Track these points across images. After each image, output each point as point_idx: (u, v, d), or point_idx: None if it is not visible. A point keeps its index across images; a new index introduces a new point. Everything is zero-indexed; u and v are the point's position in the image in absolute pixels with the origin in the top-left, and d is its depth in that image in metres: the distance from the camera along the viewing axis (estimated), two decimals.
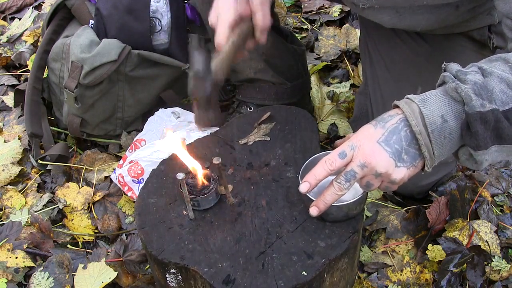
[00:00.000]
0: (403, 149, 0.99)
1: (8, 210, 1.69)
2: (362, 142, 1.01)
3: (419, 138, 0.97)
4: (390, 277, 1.45)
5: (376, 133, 1.00)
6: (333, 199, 1.04)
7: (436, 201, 1.53)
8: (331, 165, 1.02)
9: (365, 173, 1.01)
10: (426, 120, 0.96)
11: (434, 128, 0.96)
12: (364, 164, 1.00)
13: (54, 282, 1.46)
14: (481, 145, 0.95)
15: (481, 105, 0.93)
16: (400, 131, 0.99)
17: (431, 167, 1.02)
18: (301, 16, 2.41)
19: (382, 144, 0.99)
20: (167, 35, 1.76)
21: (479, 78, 0.96)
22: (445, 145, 0.98)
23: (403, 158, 0.99)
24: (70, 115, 1.77)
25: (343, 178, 1.01)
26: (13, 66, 2.25)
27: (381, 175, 1.01)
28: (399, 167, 1.00)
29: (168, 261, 1.10)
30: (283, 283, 1.04)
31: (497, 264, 1.44)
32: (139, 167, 1.60)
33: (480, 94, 0.94)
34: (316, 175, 1.04)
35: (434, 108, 0.97)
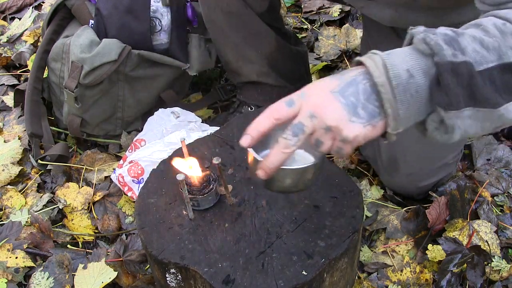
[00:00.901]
0: (359, 102, 0.86)
1: (8, 210, 1.69)
2: (313, 91, 0.89)
3: (381, 90, 0.85)
4: (390, 277, 1.45)
5: (331, 83, 0.88)
6: (279, 159, 0.88)
7: (436, 201, 1.53)
8: (276, 114, 0.89)
9: (314, 127, 0.87)
10: (390, 73, 0.84)
11: (399, 83, 0.84)
12: (313, 114, 0.86)
13: (54, 282, 1.46)
14: (453, 103, 0.83)
15: (452, 55, 0.83)
16: (358, 83, 0.87)
17: (394, 130, 0.88)
18: (301, 16, 2.41)
19: (336, 94, 0.86)
20: (167, 35, 1.76)
21: (449, 33, 0.86)
22: (411, 105, 0.85)
23: (358, 112, 0.86)
24: (70, 115, 1.77)
25: (289, 133, 0.87)
26: (13, 66, 2.25)
27: (331, 130, 0.86)
28: (353, 122, 0.86)
29: (168, 261, 1.10)
30: (283, 283, 1.04)
31: (497, 264, 1.44)
32: (139, 167, 1.60)
33: (452, 44, 0.84)
34: (259, 126, 0.90)
35: (400, 62, 0.85)
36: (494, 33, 0.86)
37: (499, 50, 0.85)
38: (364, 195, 1.63)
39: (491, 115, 0.86)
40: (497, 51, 0.85)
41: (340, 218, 1.15)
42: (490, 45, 0.85)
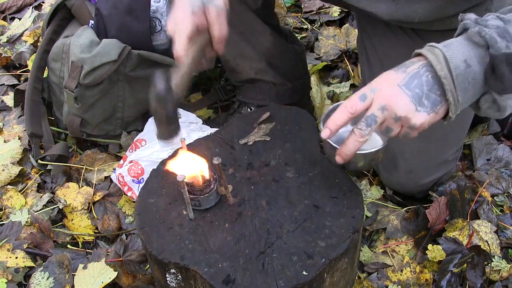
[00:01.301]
0: (423, 93, 0.98)
1: (8, 210, 1.70)
2: (382, 85, 1.01)
3: (444, 82, 0.96)
4: (390, 277, 1.45)
5: (397, 77, 1.00)
6: (355, 146, 1.03)
7: (436, 201, 1.53)
8: (351, 108, 1.01)
9: (385, 117, 1.00)
10: (450, 65, 0.95)
11: (459, 73, 0.95)
12: (385, 107, 0.98)
13: (54, 282, 1.46)
14: (507, 88, 0.95)
15: (506, 47, 0.93)
16: (421, 76, 0.98)
17: (455, 114, 1.00)
18: (301, 16, 2.40)
19: (403, 87, 0.98)
20: (167, 35, 1.76)
21: (500, 24, 0.95)
22: (468, 91, 0.97)
23: (423, 102, 0.98)
24: (70, 115, 1.77)
25: (363, 124, 1.00)
26: (13, 66, 2.25)
27: (401, 119, 0.99)
28: (419, 111, 0.98)
29: (168, 261, 1.10)
30: (283, 283, 1.04)
31: (497, 264, 1.44)
32: (139, 167, 1.60)
33: (504, 36, 0.93)
34: (336, 120, 1.03)
35: (458, 53, 0.96)
36: None
37: None
38: (364, 195, 1.63)
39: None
40: None
41: (340, 218, 1.15)
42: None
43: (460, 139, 1.59)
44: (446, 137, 1.50)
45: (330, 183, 1.23)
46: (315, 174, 1.25)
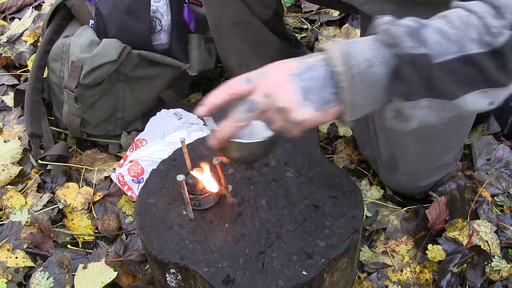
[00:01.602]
0: (315, 88, 0.87)
1: (8, 210, 1.70)
2: (272, 71, 0.90)
3: (341, 79, 0.86)
4: (390, 277, 1.45)
5: (292, 66, 0.89)
6: (230, 131, 0.91)
7: (436, 201, 1.53)
8: (232, 88, 0.91)
9: (267, 105, 0.88)
10: (351, 62, 0.85)
11: (359, 72, 0.85)
12: (268, 93, 0.88)
13: (54, 282, 1.46)
14: (411, 94, 0.86)
15: (412, 47, 0.84)
16: (318, 68, 0.88)
17: (351, 118, 0.90)
18: (301, 16, 2.40)
19: (293, 76, 0.87)
20: (167, 35, 1.76)
21: (414, 24, 0.87)
22: (368, 94, 0.87)
23: (312, 97, 0.87)
24: (70, 115, 1.77)
25: (243, 108, 0.89)
26: (13, 66, 2.25)
27: (282, 111, 0.88)
28: (305, 105, 0.87)
29: (168, 261, 1.10)
30: (283, 283, 1.04)
31: (497, 264, 1.44)
32: (139, 167, 1.60)
33: (413, 36, 0.85)
34: (215, 98, 0.92)
35: (361, 51, 0.86)
36: (457, 25, 0.87)
37: (459, 42, 0.86)
38: (364, 195, 1.63)
39: (448, 105, 0.88)
40: (459, 43, 0.86)
41: (340, 218, 1.15)
42: (452, 36, 0.86)
43: (462, 142, 1.59)
44: (449, 140, 1.50)
45: (330, 183, 1.23)
46: (315, 174, 1.25)
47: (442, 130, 1.46)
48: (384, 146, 1.52)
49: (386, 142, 1.51)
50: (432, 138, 1.46)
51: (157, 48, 1.76)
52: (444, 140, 1.48)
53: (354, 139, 1.76)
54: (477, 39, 0.86)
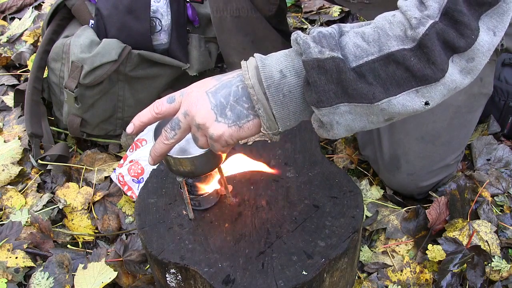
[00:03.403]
0: (228, 104, 0.90)
1: (8, 210, 1.69)
2: (192, 90, 0.94)
3: (251, 92, 0.87)
4: (390, 277, 1.45)
5: (209, 84, 0.93)
6: (162, 148, 0.96)
7: (436, 201, 1.53)
8: (157, 108, 0.95)
9: (188, 123, 0.93)
10: (261, 74, 0.86)
11: (271, 83, 0.86)
12: (186, 112, 0.92)
13: (54, 282, 1.46)
14: (323, 100, 0.83)
15: (319, 52, 0.82)
16: (231, 86, 0.90)
17: (272, 132, 0.91)
18: (301, 16, 2.40)
19: (209, 94, 0.91)
20: (167, 35, 1.76)
21: (329, 30, 0.85)
22: (286, 106, 0.87)
23: (226, 113, 0.90)
24: (70, 115, 1.77)
25: (169, 126, 0.94)
26: (13, 66, 2.25)
27: (200, 128, 0.91)
28: (218, 122, 0.90)
29: (168, 261, 1.10)
30: (283, 283, 1.04)
31: (497, 264, 1.44)
32: (139, 167, 1.60)
33: (320, 42, 0.83)
34: (141, 117, 0.97)
35: (274, 63, 0.87)
36: (380, 25, 0.84)
37: (379, 41, 0.83)
38: (364, 195, 1.63)
39: (371, 109, 0.84)
40: (377, 43, 0.83)
41: (340, 218, 1.16)
42: (371, 37, 0.83)
43: (464, 143, 1.59)
44: (451, 142, 1.50)
45: (330, 183, 1.23)
46: (315, 174, 1.25)
47: (445, 131, 1.46)
48: (387, 146, 1.52)
49: (389, 142, 1.51)
50: (435, 139, 1.46)
51: (157, 48, 1.76)
52: (446, 142, 1.48)
53: (355, 139, 1.76)
54: (401, 35, 0.82)
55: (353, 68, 0.82)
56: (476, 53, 0.83)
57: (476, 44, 0.82)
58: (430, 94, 0.84)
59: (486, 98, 1.52)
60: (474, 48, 0.82)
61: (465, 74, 0.85)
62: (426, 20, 0.81)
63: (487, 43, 0.83)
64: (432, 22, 0.80)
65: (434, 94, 0.84)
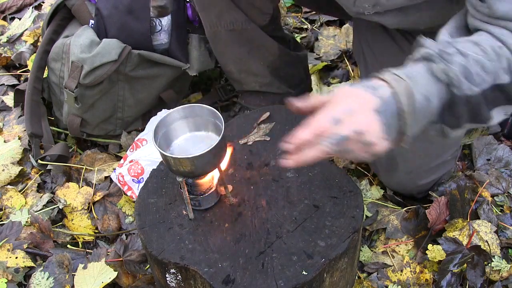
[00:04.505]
0: (390, 121, 0.95)
1: (8, 210, 1.69)
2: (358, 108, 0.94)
3: (407, 117, 0.95)
4: (390, 277, 1.45)
5: (369, 99, 0.94)
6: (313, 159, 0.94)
7: (436, 201, 1.53)
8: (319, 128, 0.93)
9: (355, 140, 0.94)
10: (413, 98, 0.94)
11: (419, 107, 0.95)
12: (359, 131, 0.93)
13: (54, 282, 1.46)
14: (460, 125, 0.99)
15: (469, 89, 0.95)
16: (391, 105, 0.95)
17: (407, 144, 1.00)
18: (301, 16, 2.40)
19: (379, 114, 0.94)
20: (167, 35, 1.76)
21: (462, 60, 0.95)
22: (421, 123, 0.98)
23: (389, 131, 0.96)
24: (70, 115, 1.77)
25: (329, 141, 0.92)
26: (13, 66, 2.25)
27: (368, 145, 0.94)
28: (385, 139, 0.95)
29: (168, 261, 1.10)
30: (283, 283, 1.04)
31: (497, 264, 1.44)
32: (139, 167, 1.60)
33: (468, 78, 0.95)
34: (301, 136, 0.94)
35: (421, 88, 0.95)
36: (491, 56, 0.96)
37: (495, 73, 0.96)
38: (364, 195, 1.63)
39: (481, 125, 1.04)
40: (493, 74, 0.96)
41: (340, 218, 1.16)
42: (489, 69, 0.96)
43: (460, 139, 1.59)
44: None
45: (330, 183, 1.23)
46: (315, 174, 1.25)
47: None
48: None
49: None
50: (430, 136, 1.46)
51: (157, 48, 1.76)
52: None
53: None
54: (506, 68, 0.97)
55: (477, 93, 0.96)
56: None
57: None
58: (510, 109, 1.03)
59: None
60: None
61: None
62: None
63: None
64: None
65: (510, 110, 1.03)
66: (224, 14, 1.59)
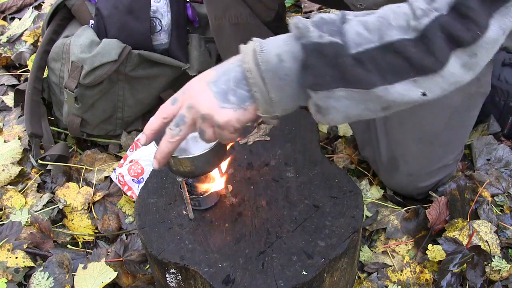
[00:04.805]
0: (230, 89, 0.90)
1: (8, 210, 1.69)
2: (192, 85, 0.95)
3: (248, 75, 0.88)
4: (390, 277, 1.45)
5: (209, 75, 0.93)
6: (168, 148, 0.95)
7: (436, 201, 1.53)
8: (163, 113, 0.95)
9: (193, 116, 0.92)
10: (258, 58, 0.86)
11: (268, 68, 0.86)
12: (190, 105, 0.92)
13: (54, 282, 1.46)
14: (320, 83, 0.84)
15: (318, 36, 0.83)
16: (231, 71, 0.91)
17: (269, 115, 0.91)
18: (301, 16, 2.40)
19: (211, 84, 0.91)
20: (167, 35, 1.76)
21: (331, 16, 0.86)
22: (283, 89, 0.87)
23: (228, 99, 0.90)
24: (70, 115, 1.77)
25: (173, 124, 0.93)
26: (13, 66, 2.25)
27: (206, 118, 0.91)
28: (223, 108, 0.90)
29: (168, 261, 1.10)
30: (283, 283, 1.04)
31: (497, 264, 1.44)
32: (139, 167, 1.60)
33: (321, 27, 0.84)
34: (151, 125, 0.97)
35: (271, 47, 0.87)
36: (384, 14, 0.85)
37: (380, 30, 0.83)
38: (364, 195, 1.63)
39: (368, 96, 0.85)
40: (379, 32, 0.83)
41: (340, 218, 1.16)
42: (373, 26, 0.84)
43: (462, 143, 1.59)
44: (449, 141, 1.50)
45: (330, 183, 1.23)
46: (315, 174, 1.25)
47: (443, 131, 1.46)
48: (384, 146, 1.52)
49: (386, 143, 1.51)
50: (433, 139, 1.46)
51: (157, 48, 1.76)
52: (445, 141, 1.48)
53: (354, 139, 1.76)
54: (403, 26, 0.82)
55: (352, 55, 0.82)
56: (480, 49, 0.83)
57: (481, 40, 0.82)
58: (428, 85, 0.84)
59: (483, 97, 1.52)
60: (479, 44, 0.82)
61: (466, 69, 0.85)
62: (431, 12, 0.82)
63: (493, 40, 0.83)
64: (438, 14, 0.81)
65: (433, 86, 0.84)
66: (230, 7, 1.59)
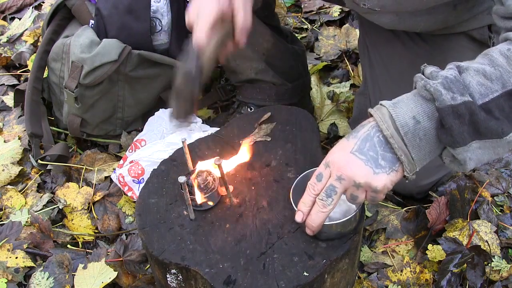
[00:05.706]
0: (378, 154, 0.96)
1: (8, 210, 1.69)
2: (335, 157, 1.00)
3: (391, 141, 0.94)
4: (390, 277, 1.45)
5: (349, 144, 0.99)
6: (320, 217, 1.03)
7: (436, 201, 1.53)
8: (314, 190, 1.03)
9: (346, 186, 0.99)
10: (397, 123, 0.93)
11: (407, 130, 0.93)
12: (341, 176, 0.98)
13: (54, 282, 1.46)
14: (459, 141, 0.91)
15: (451, 98, 0.89)
16: (372, 138, 0.97)
17: (412, 173, 0.98)
18: (301, 16, 2.40)
19: (356, 153, 0.97)
20: (167, 35, 1.76)
21: (452, 74, 0.92)
22: (422, 148, 0.95)
23: (380, 163, 0.96)
24: (70, 115, 1.77)
25: (324, 194, 1.01)
26: (13, 66, 2.25)
27: (361, 185, 0.98)
28: (377, 173, 0.97)
29: (168, 261, 1.10)
30: (284, 283, 1.04)
31: (497, 264, 1.44)
32: (139, 167, 1.60)
33: (450, 88, 0.90)
34: (305, 203, 1.05)
35: (405, 110, 0.94)
36: (498, 61, 0.92)
37: (501, 78, 0.90)
38: None
39: (500, 142, 0.93)
40: (500, 80, 0.90)
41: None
42: (493, 75, 0.91)
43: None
44: None
45: None
46: None
47: None
48: None
49: None
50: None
51: (157, 48, 1.76)
52: None
53: None
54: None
55: (480, 106, 0.90)
56: None
57: None
58: None
59: None
60: None
61: None
62: None
63: None
64: None
65: None
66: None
